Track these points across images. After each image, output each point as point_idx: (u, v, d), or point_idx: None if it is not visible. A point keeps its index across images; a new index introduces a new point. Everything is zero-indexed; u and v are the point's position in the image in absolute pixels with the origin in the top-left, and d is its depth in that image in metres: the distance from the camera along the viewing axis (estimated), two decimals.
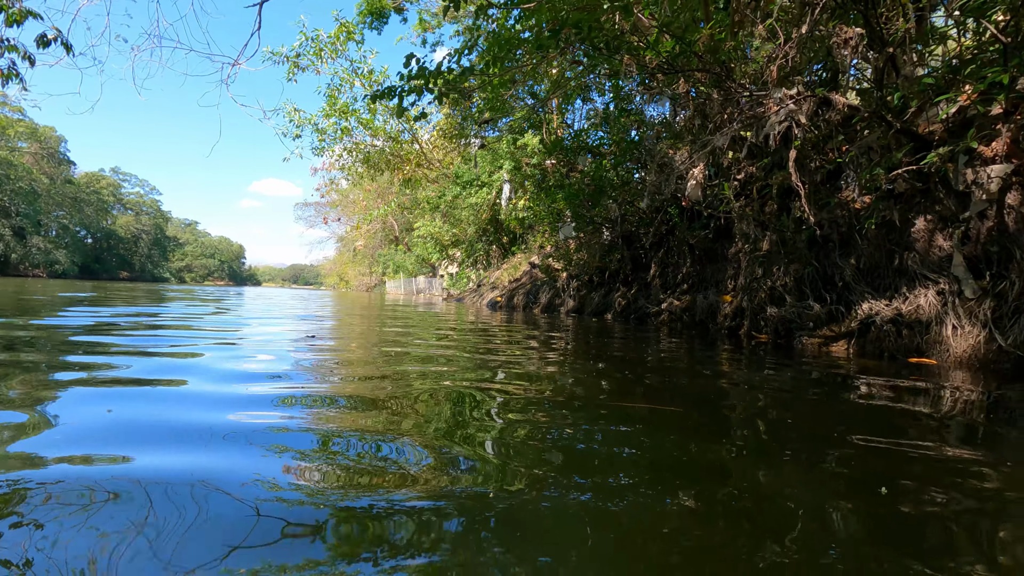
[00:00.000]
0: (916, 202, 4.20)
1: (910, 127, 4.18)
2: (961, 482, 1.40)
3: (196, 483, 1.23)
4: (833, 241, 4.86)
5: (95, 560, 0.92)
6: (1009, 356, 3.29)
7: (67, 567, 0.90)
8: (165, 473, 1.29)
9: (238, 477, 1.28)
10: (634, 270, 9.37)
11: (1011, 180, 3.55)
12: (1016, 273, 3.49)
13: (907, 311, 4.01)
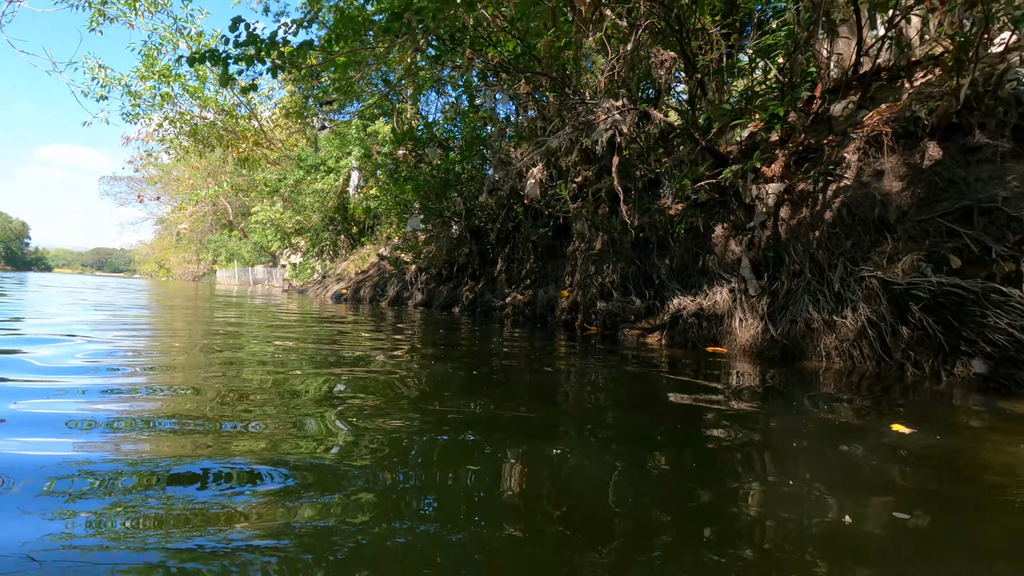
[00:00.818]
0: (716, 211, 4.85)
1: (713, 146, 4.81)
2: (741, 425, 1.63)
3: None
4: (652, 243, 5.42)
5: None
6: (778, 344, 3.94)
7: None
8: None
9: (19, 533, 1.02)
10: (482, 265, 9.55)
11: (784, 197, 4.26)
12: (786, 275, 4.18)
13: (707, 306, 4.61)
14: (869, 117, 4.00)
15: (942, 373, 2.96)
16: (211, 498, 1.21)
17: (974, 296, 2.86)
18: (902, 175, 3.60)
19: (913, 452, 1.74)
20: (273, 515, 1.14)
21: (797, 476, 1.49)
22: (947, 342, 2.97)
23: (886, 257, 3.50)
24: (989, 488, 1.47)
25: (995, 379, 2.72)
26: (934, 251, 3.25)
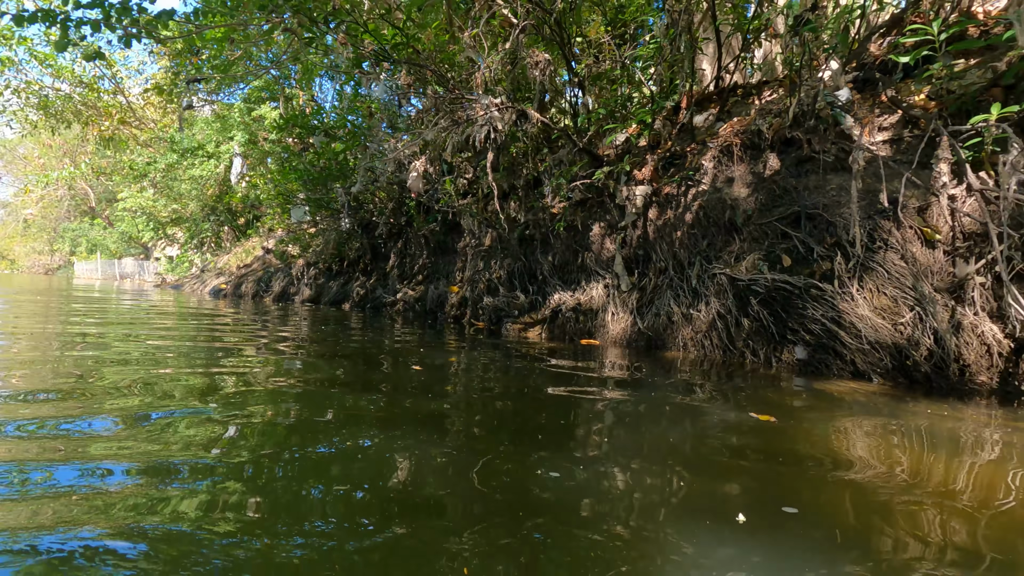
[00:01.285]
0: (594, 211, 5.09)
1: (591, 148, 5.04)
2: (608, 402, 1.72)
3: None
4: (537, 240, 5.58)
5: None
6: (644, 336, 4.22)
7: None
8: None
9: None
10: (374, 260, 9.30)
11: (651, 199, 4.56)
12: (653, 272, 4.49)
13: (584, 301, 4.83)
14: (724, 129, 4.39)
15: (773, 359, 3.33)
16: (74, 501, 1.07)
17: (798, 291, 3.25)
18: (748, 182, 4.00)
19: (748, 431, 1.94)
20: (134, 511, 1.04)
21: (656, 457, 1.61)
22: (777, 332, 3.34)
23: (734, 256, 3.87)
24: (803, 459, 1.68)
25: (812, 363, 3.11)
26: (771, 251, 3.64)
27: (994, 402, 2.50)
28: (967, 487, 1.46)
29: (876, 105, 3.64)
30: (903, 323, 2.83)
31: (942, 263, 2.92)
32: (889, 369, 2.80)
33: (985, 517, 1.27)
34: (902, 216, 3.04)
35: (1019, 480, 1.52)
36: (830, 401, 2.45)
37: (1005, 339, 2.66)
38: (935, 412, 2.28)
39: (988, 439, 1.92)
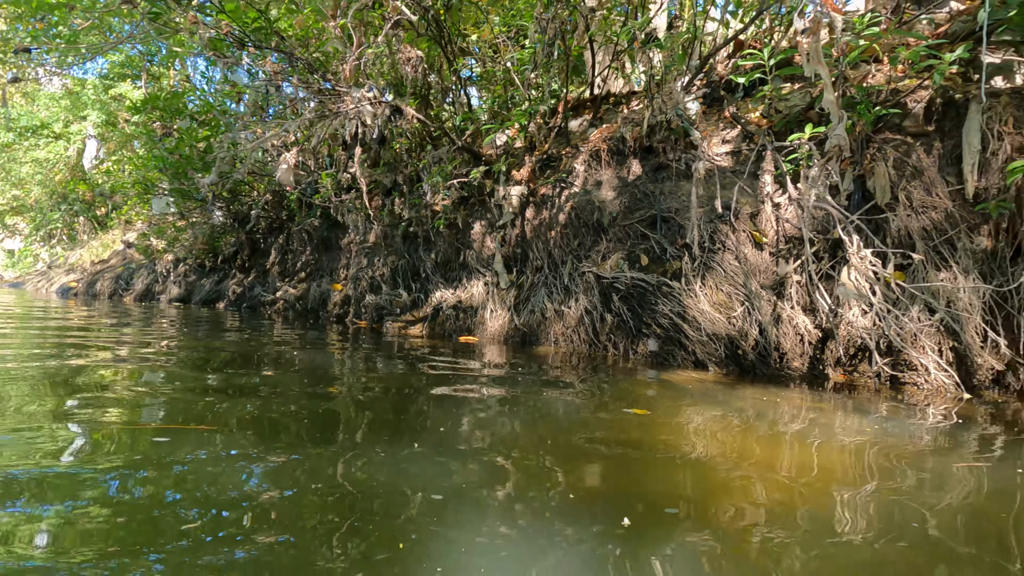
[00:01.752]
0: (476, 210, 5.16)
1: (474, 147, 5.10)
2: (488, 397, 1.74)
3: None
4: (420, 237, 5.55)
5: None
6: (520, 331, 4.35)
7: None
8: None
9: None
10: (252, 256, 8.74)
11: (528, 199, 4.71)
12: (530, 270, 4.64)
13: (465, 298, 4.88)
14: (595, 134, 4.63)
15: (630, 352, 3.58)
16: None
17: (652, 288, 3.52)
18: (615, 186, 4.26)
19: (597, 419, 2.07)
20: None
21: (528, 448, 1.66)
22: (634, 326, 3.60)
23: (601, 255, 4.10)
24: (654, 444, 1.81)
25: (661, 354, 3.39)
26: (632, 251, 3.91)
27: (805, 386, 2.87)
28: (785, 462, 1.67)
29: (720, 120, 4.03)
30: (735, 317, 3.16)
31: (768, 263, 3.30)
32: (723, 358, 3.12)
33: (798, 485, 1.47)
34: (735, 221, 3.40)
35: (822, 452, 1.76)
36: (676, 391, 2.69)
37: (815, 329, 3.07)
38: (760, 397, 2.58)
39: (799, 418, 2.21)
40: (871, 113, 3.11)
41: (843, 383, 2.90)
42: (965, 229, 2.94)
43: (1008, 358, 2.66)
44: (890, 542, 1.17)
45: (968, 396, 2.57)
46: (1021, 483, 1.53)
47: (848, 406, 2.43)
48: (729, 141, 3.88)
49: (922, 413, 2.33)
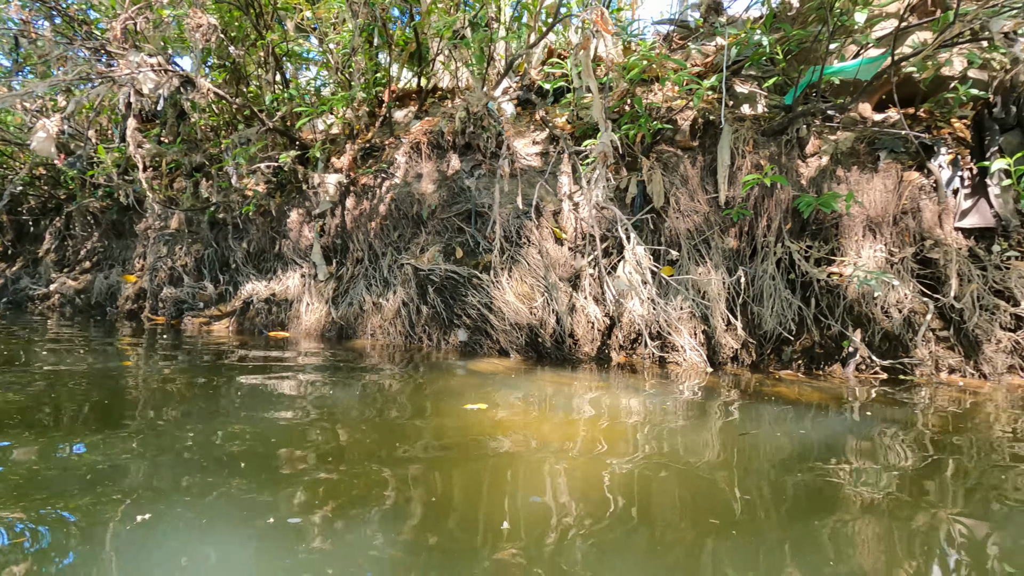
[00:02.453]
0: (293, 197, 4.86)
1: (290, 130, 4.79)
2: (305, 401, 1.57)
3: None
4: (229, 224, 5.07)
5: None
6: (337, 325, 4.21)
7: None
8: None
9: None
10: (18, 241, 7.27)
11: (349, 188, 4.56)
12: (350, 262, 4.50)
13: (279, 291, 4.58)
14: (417, 127, 4.63)
15: (443, 342, 3.67)
16: None
17: (464, 280, 3.63)
18: (435, 179, 4.30)
19: (395, 406, 2.05)
20: None
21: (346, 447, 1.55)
22: (447, 317, 3.68)
23: (420, 247, 4.12)
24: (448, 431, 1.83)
25: (470, 344, 3.52)
26: (449, 244, 3.99)
27: (594, 367, 3.18)
28: (578, 434, 1.81)
29: (532, 122, 4.28)
30: (536, 307, 3.39)
31: (567, 257, 3.60)
32: (523, 346, 3.34)
33: (585, 458, 1.60)
34: (540, 218, 3.64)
35: (606, 428, 1.95)
36: (481, 378, 2.80)
37: (603, 317, 3.42)
38: (556, 380, 2.79)
39: (588, 398, 2.44)
40: (650, 127, 3.54)
41: (624, 363, 3.27)
42: (718, 231, 3.49)
43: (743, 339, 3.22)
44: (654, 471, 1.35)
45: (711, 370, 3.06)
46: (738, 436, 1.87)
47: (627, 383, 2.75)
48: (539, 143, 4.14)
49: (678, 385, 2.72)
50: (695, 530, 1.20)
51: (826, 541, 1.17)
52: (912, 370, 3.05)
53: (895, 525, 1.23)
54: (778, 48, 3.47)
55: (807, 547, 1.13)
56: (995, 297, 3.10)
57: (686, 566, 1.07)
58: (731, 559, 1.09)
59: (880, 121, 3.66)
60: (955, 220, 3.31)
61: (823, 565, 1.07)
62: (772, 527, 1.21)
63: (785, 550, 1.12)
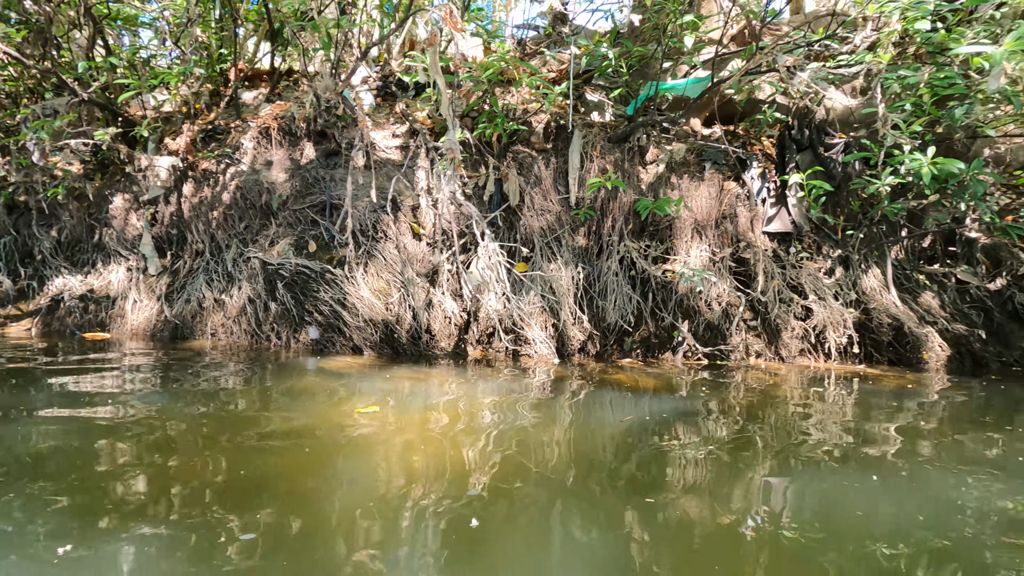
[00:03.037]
0: (117, 180, 4.29)
1: (112, 104, 4.21)
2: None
3: None
4: (34, 209, 4.34)
5: None
6: (171, 324, 3.79)
7: None
8: None
9: None
10: None
11: (186, 173, 4.13)
12: (189, 254, 4.08)
13: (99, 287, 4.02)
14: (267, 110, 4.32)
15: (292, 341, 3.47)
16: None
17: (315, 275, 3.46)
18: (286, 168, 4.04)
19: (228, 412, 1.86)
20: None
21: None
22: (298, 314, 3.50)
23: (269, 240, 3.85)
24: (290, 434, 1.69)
25: (322, 342, 3.38)
26: (301, 237, 3.78)
27: (451, 363, 3.21)
28: (438, 428, 1.77)
29: (392, 115, 4.20)
30: (392, 303, 3.34)
31: (425, 252, 3.58)
32: (378, 342, 3.27)
33: (438, 447, 1.56)
34: (398, 212, 3.59)
35: (465, 422, 1.93)
36: (333, 376, 2.68)
37: (461, 312, 3.46)
38: (412, 376, 2.76)
39: (447, 392, 2.43)
40: (506, 127, 3.64)
41: (481, 357, 3.34)
42: (568, 229, 3.69)
43: (589, 331, 3.45)
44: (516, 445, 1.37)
45: (560, 361, 3.24)
46: (563, 417, 1.99)
47: (482, 375, 2.81)
48: (399, 136, 4.07)
49: (530, 376, 2.84)
50: (547, 494, 1.26)
51: (661, 497, 1.29)
52: (728, 355, 3.48)
53: (710, 496, 1.40)
54: (622, 62, 3.75)
55: (642, 505, 1.25)
56: (791, 292, 3.64)
57: (539, 523, 1.12)
58: (578, 515, 1.16)
59: (707, 135, 4.12)
60: (762, 225, 3.83)
61: (655, 514, 1.18)
62: (612, 489, 1.31)
63: (625, 509, 1.22)
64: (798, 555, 1.07)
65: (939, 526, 1.19)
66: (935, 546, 1.10)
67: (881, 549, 1.08)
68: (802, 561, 1.05)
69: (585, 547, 1.09)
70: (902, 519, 1.24)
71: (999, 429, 2.05)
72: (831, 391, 2.74)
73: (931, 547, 1.10)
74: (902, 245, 3.90)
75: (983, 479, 1.50)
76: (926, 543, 1.12)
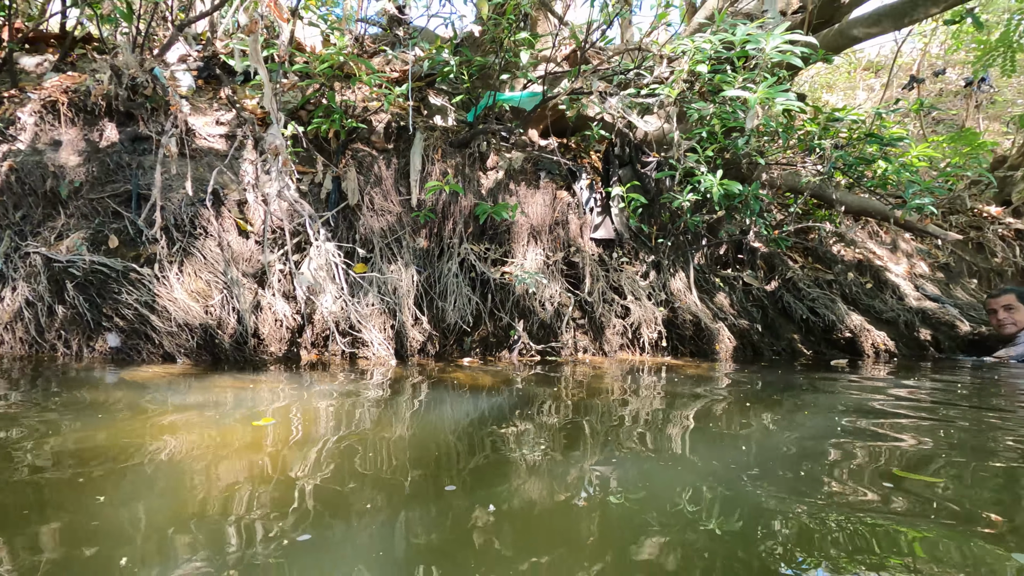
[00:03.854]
0: None
1: None
2: None
3: None
4: None
5: None
6: None
7: None
8: None
9: None
10: None
11: None
12: None
13: None
14: (54, 81, 3.70)
15: (85, 350, 3.02)
16: None
17: (116, 274, 3.05)
18: (81, 150, 3.50)
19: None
20: None
21: None
22: (93, 319, 3.05)
23: (56, 233, 3.30)
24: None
25: (124, 350, 2.99)
26: (100, 230, 3.30)
27: (282, 368, 3.03)
28: (266, 437, 1.60)
29: (217, 100, 3.85)
30: (213, 305, 3.06)
31: (253, 251, 3.34)
32: (195, 349, 2.98)
33: (267, 454, 1.40)
34: (222, 207, 3.30)
35: (298, 428, 1.79)
36: (139, 390, 2.36)
37: (294, 315, 3.28)
38: (237, 384, 2.54)
39: (277, 398, 2.26)
40: (345, 124, 3.54)
41: (315, 362, 3.21)
42: (409, 231, 3.69)
43: (428, 332, 3.49)
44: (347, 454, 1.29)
45: (398, 363, 3.24)
46: (419, 414, 1.99)
47: (317, 381, 2.69)
48: (225, 124, 3.74)
49: (368, 378, 2.79)
50: (385, 495, 1.25)
51: (497, 493, 1.35)
52: (559, 352, 3.75)
53: (547, 476, 1.50)
54: (463, 70, 3.85)
55: (482, 493, 1.29)
56: (613, 292, 4.04)
57: (379, 527, 1.10)
58: (418, 509, 1.16)
59: (543, 146, 4.40)
60: (590, 232, 4.19)
61: (496, 498, 1.23)
62: (451, 481, 1.34)
63: (466, 498, 1.24)
64: (623, 515, 1.22)
65: (730, 479, 1.43)
66: (727, 495, 1.33)
67: (686, 503, 1.28)
68: (626, 518, 1.20)
69: (428, 537, 1.12)
70: (704, 475, 1.47)
71: (772, 402, 2.49)
72: (644, 379, 3.10)
73: (723, 495, 1.33)
74: (702, 252, 4.53)
75: (760, 439, 1.83)
76: (720, 493, 1.35)
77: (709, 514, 1.25)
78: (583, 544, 1.12)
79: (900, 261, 5.89)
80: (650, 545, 1.11)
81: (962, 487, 1.47)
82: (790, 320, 4.51)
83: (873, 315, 4.69)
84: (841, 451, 1.76)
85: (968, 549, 1.11)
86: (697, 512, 1.26)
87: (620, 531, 1.17)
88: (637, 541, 1.13)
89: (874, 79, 13.57)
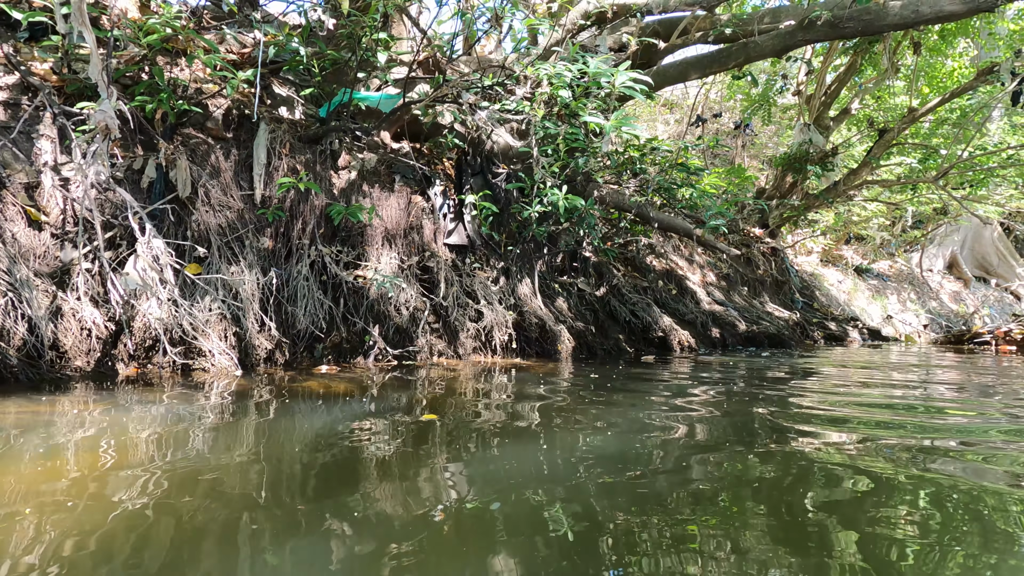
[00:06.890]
0: None
1: None
2: None
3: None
4: None
5: None
6: None
7: None
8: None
9: None
10: None
11: None
12: None
13: None
14: None
15: None
16: None
17: None
18: None
19: None
20: None
21: None
22: None
23: None
24: None
25: None
26: None
27: (91, 385, 2.55)
28: (67, 480, 1.26)
29: None
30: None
31: (48, 246, 2.77)
32: None
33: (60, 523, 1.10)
34: (3, 191, 2.68)
35: (112, 462, 1.47)
36: None
37: (107, 322, 2.79)
38: (25, 409, 2.06)
39: (84, 425, 1.87)
40: (174, 105, 3.12)
41: (136, 376, 2.77)
42: (253, 229, 3.39)
43: (277, 339, 3.24)
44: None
45: (240, 373, 2.95)
46: (263, 430, 1.82)
47: (138, 399, 2.31)
48: (4, 90, 3.04)
49: (205, 393, 2.49)
50: (232, 526, 1.13)
51: (357, 497, 1.31)
52: (415, 356, 3.75)
53: (404, 473, 1.49)
54: (315, 62, 3.66)
55: (339, 508, 1.24)
56: (467, 297, 4.17)
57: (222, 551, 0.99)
58: (269, 535, 1.08)
59: (397, 149, 4.37)
60: (444, 237, 4.27)
61: (354, 510, 1.18)
62: (304, 498, 1.26)
63: (322, 516, 1.18)
64: (475, 522, 1.28)
65: (580, 464, 1.60)
66: (577, 481, 1.48)
67: (534, 494, 1.39)
68: (480, 524, 1.26)
69: (283, 561, 1.06)
70: (553, 465, 1.61)
71: (608, 392, 2.81)
72: (496, 380, 3.26)
73: (572, 481, 1.47)
74: (544, 260, 4.89)
75: (598, 426, 2.06)
76: (571, 479, 1.49)
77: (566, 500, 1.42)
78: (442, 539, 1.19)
79: (696, 271, 7.02)
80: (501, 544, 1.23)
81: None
82: (616, 322, 5.10)
83: (679, 317, 5.53)
84: (658, 437, 2.10)
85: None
86: (551, 497, 1.41)
87: (475, 536, 1.25)
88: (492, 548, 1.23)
89: (669, 114, 15.92)
